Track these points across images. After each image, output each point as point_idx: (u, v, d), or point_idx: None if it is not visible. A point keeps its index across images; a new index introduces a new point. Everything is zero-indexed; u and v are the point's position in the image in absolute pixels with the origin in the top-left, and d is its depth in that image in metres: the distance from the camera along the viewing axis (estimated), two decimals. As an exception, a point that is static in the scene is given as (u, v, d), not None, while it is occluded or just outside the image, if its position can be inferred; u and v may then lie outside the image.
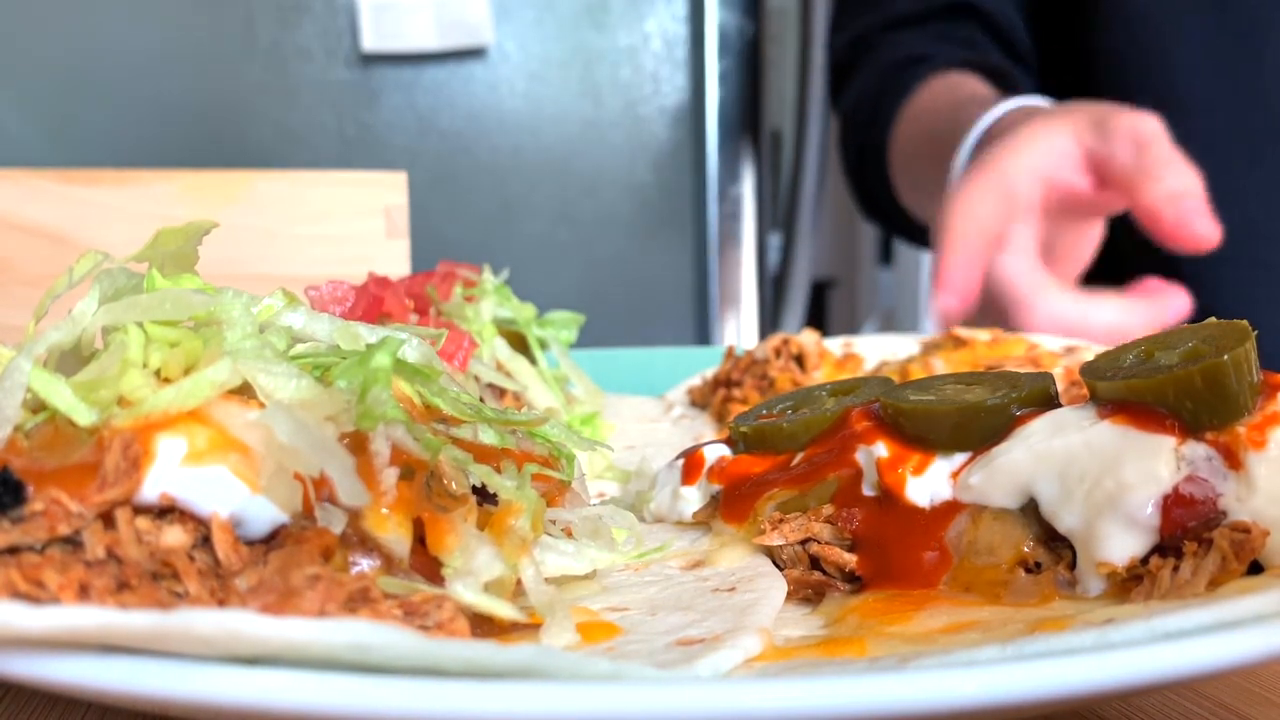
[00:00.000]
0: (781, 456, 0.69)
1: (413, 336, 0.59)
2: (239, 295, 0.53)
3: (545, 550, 0.58)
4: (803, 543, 0.63)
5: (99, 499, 0.44)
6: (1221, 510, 0.53)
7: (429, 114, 2.80)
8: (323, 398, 0.49)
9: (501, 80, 2.78)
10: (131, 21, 2.60)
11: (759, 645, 0.50)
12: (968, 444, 0.61)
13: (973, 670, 0.40)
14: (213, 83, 2.67)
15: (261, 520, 0.47)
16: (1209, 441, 0.54)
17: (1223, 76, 1.53)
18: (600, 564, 0.60)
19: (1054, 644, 0.45)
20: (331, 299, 0.80)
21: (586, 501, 0.70)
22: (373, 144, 2.78)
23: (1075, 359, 1.03)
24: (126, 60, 2.60)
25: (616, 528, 0.64)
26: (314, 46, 2.71)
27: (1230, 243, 1.23)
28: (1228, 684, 0.59)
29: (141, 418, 0.47)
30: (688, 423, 1.09)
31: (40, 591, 0.40)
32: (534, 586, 0.53)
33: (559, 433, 0.64)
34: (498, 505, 0.56)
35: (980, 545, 0.58)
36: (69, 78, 2.56)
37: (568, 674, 0.41)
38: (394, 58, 2.72)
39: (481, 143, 2.80)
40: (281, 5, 2.67)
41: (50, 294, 0.57)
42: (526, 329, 1.08)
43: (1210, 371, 0.53)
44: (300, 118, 2.73)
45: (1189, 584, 0.51)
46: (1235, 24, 1.51)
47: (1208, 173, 1.23)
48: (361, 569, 0.49)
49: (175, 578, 0.45)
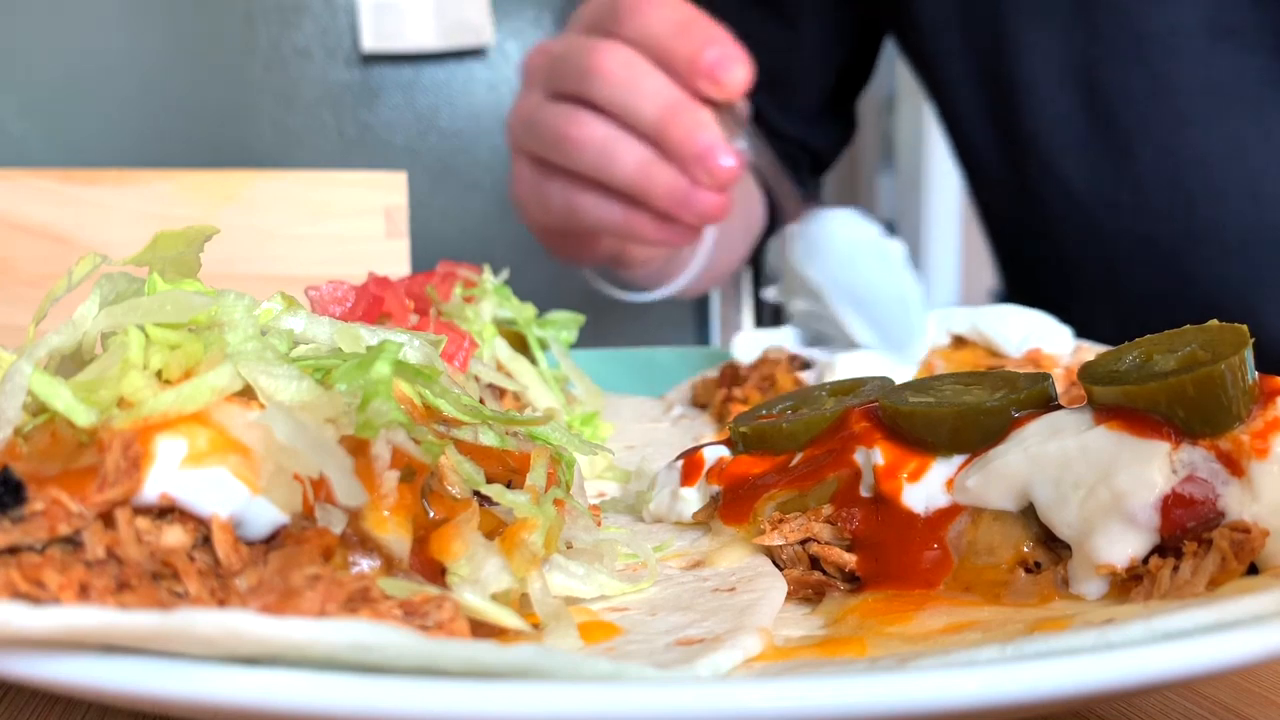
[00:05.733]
0: (781, 457, 0.69)
1: (414, 338, 0.59)
2: (240, 298, 0.53)
3: (554, 569, 0.57)
4: (803, 543, 0.64)
5: (99, 499, 0.44)
6: (1221, 511, 0.53)
7: (429, 114, 2.81)
8: (323, 400, 0.49)
9: (501, 80, 2.78)
10: (131, 22, 2.60)
11: (759, 645, 0.50)
12: (966, 446, 0.61)
13: (973, 670, 0.40)
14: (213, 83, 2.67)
15: (261, 521, 0.47)
16: (1207, 446, 0.54)
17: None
18: (609, 590, 0.59)
19: (1054, 644, 0.45)
20: (331, 299, 0.80)
21: (585, 504, 0.70)
22: (373, 144, 2.78)
23: (1077, 359, 1.03)
24: (126, 60, 2.60)
25: (624, 553, 0.63)
26: (314, 46, 2.71)
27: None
28: (1227, 684, 0.59)
29: (141, 419, 0.47)
30: (688, 423, 1.09)
31: (40, 591, 0.40)
32: (540, 599, 0.53)
33: (560, 435, 0.64)
34: (498, 506, 0.56)
35: (980, 545, 0.58)
36: (69, 78, 2.56)
37: (568, 674, 0.41)
38: (394, 58, 2.72)
39: (481, 142, 2.80)
40: (281, 5, 2.67)
41: (50, 297, 0.57)
42: (526, 329, 1.08)
43: (1202, 380, 0.53)
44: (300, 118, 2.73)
45: (1189, 584, 0.51)
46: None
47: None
48: (361, 569, 0.49)
49: (175, 578, 0.45)
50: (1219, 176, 1.43)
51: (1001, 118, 1.60)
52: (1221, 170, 1.43)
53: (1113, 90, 1.46)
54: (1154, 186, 1.46)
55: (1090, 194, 1.52)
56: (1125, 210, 1.50)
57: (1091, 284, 1.61)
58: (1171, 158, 1.45)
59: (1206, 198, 1.44)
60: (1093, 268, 1.59)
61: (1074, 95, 1.49)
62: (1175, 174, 1.45)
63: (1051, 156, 1.53)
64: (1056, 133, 1.51)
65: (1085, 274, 1.62)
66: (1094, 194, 1.52)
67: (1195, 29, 1.39)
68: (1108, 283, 1.58)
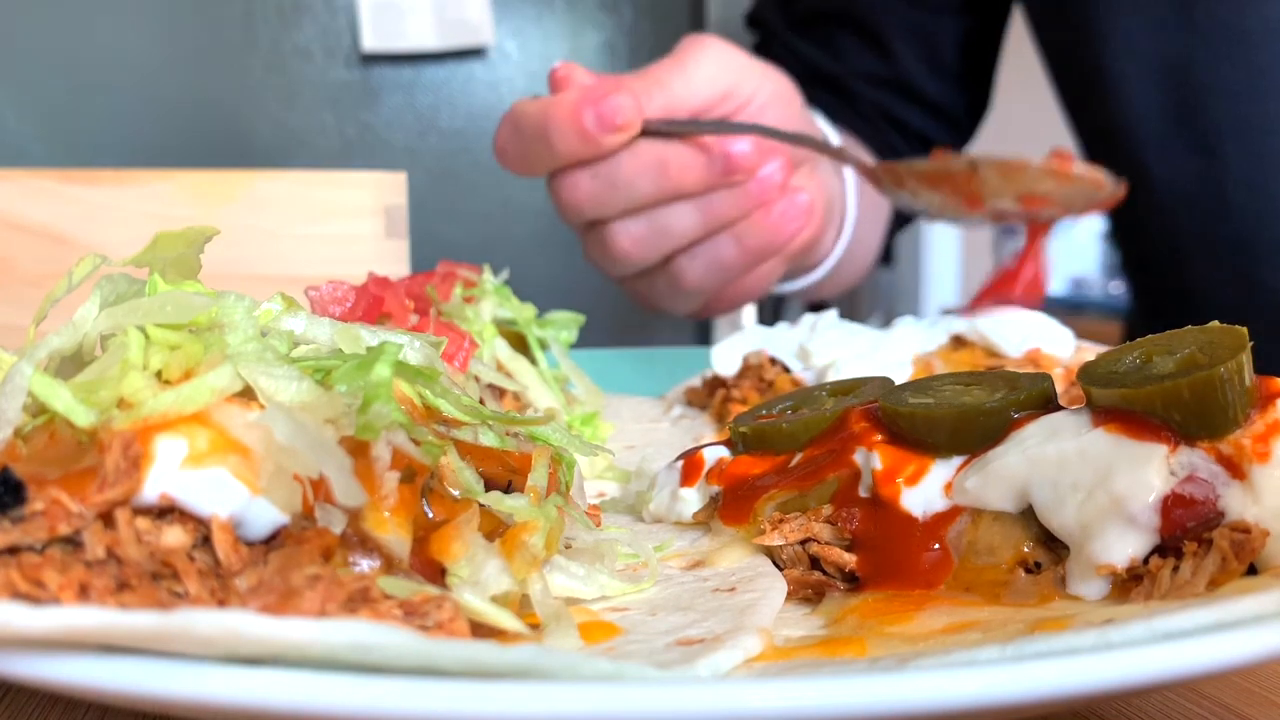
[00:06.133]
0: (781, 457, 0.69)
1: (414, 339, 0.59)
2: (240, 299, 0.53)
3: (554, 570, 0.57)
4: (803, 543, 0.64)
5: (99, 499, 0.44)
6: (1221, 511, 0.53)
7: (429, 114, 2.81)
8: (323, 400, 0.49)
9: (501, 80, 2.78)
10: (131, 21, 2.60)
11: (759, 645, 0.50)
12: (966, 446, 0.61)
13: (973, 670, 0.40)
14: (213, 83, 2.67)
15: (261, 521, 0.47)
16: (1206, 449, 0.54)
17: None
18: (610, 591, 0.59)
19: (1054, 644, 0.45)
20: (331, 299, 0.80)
21: (585, 504, 0.70)
22: (373, 144, 2.78)
23: (1077, 359, 1.03)
24: (126, 60, 2.60)
25: (624, 553, 0.63)
26: (314, 46, 2.71)
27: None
28: (1228, 684, 0.59)
29: (141, 420, 0.47)
30: (687, 423, 1.09)
31: (40, 591, 0.40)
32: (540, 600, 0.53)
33: (560, 436, 0.64)
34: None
35: (980, 546, 0.58)
36: (69, 78, 2.56)
37: (568, 674, 0.41)
38: (394, 58, 2.72)
39: (481, 143, 2.80)
40: (281, 5, 2.67)
41: (50, 298, 0.57)
42: (526, 329, 1.08)
43: (1198, 385, 0.53)
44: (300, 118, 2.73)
45: (1189, 584, 0.51)
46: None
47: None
48: (361, 569, 0.49)
49: (175, 578, 0.45)
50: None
51: (1084, 107, 1.57)
52: None
53: (1204, 86, 1.41)
54: (1237, 189, 1.43)
55: (1169, 192, 1.48)
56: (1203, 211, 1.47)
57: (1161, 285, 1.58)
58: (1259, 160, 1.41)
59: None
60: (1163, 266, 1.56)
61: (1162, 89, 1.45)
62: (1261, 177, 1.41)
63: (1133, 149, 1.49)
64: (1141, 126, 1.48)
65: (1153, 273, 1.59)
66: (1173, 192, 1.48)
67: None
68: (1175, 288, 1.55)
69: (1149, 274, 1.65)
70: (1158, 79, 1.45)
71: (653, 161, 1.13)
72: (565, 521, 0.58)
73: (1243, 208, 1.43)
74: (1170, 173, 1.47)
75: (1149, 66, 1.45)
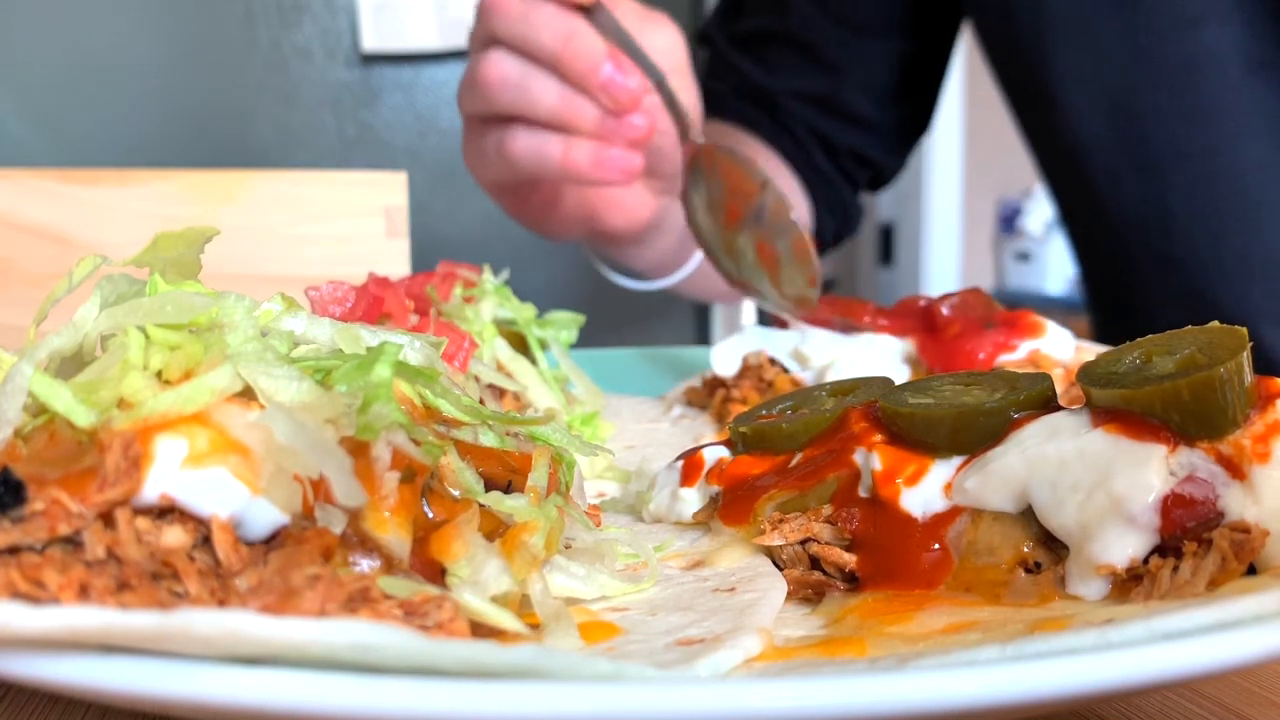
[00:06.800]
0: (781, 457, 0.69)
1: (414, 339, 0.59)
2: (241, 299, 0.53)
3: (554, 570, 0.57)
4: (803, 543, 0.64)
5: (99, 499, 0.44)
6: (1221, 511, 0.53)
7: (429, 114, 2.81)
8: (323, 401, 0.49)
9: (501, 80, 2.77)
10: (131, 21, 2.60)
11: (759, 645, 0.50)
12: (966, 447, 0.61)
13: (973, 670, 0.40)
14: (213, 83, 2.67)
15: (262, 521, 0.47)
16: (1206, 449, 0.54)
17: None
18: (610, 591, 0.59)
19: (1054, 644, 0.45)
20: (331, 299, 0.80)
21: (585, 504, 0.70)
22: (373, 144, 2.78)
23: (1077, 359, 1.03)
24: (127, 60, 2.60)
25: (624, 553, 0.63)
26: (314, 46, 2.71)
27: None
28: (1228, 684, 0.59)
29: (141, 420, 0.47)
30: (687, 423, 1.09)
31: (40, 591, 0.40)
32: (540, 600, 0.53)
33: (560, 436, 0.64)
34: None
35: (980, 546, 0.58)
36: (69, 78, 2.56)
37: (568, 674, 0.41)
38: (394, 58, 2.72)
39: (481, 143, 2.79)
40: (281, 5, 2.67)
41: (50, 299, 0.57)
42: (526, 329, 1.08)
43: (1197, 385, 0.53)
44: (300, 118, 2.73)
45: (1189, 584, 0.51)
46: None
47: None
48: (361, 569, 0.49)
49: (175, 578, 0.45)
50: (1250, 204, 1.44)
51: (1038, 131, 1.62)
52: (1253, 198, 1.44)
53: (1148, 112, 1.47)
54: (1181, 210, 1.47)
55: (1119, 213, 1.53)
56: (1151, 232, 1.52)
57: (1115, 301, 1.63)
58: (1202, 183, 1.46)
59: (1237, 225, 1.45)
60: (1116, 283, 1.61)
61: (1108, 115, 1.50)
62: (1204, 199, 1.46)
63: (1085, 171, 1.55)
64: (1090, 151, 1.53)
65: (1107, 289, 1.63)
66: (1122, 213, 1.53)
67: (1232, 56, 1.40)
68: (1127, 304, 1.60)
69: (1104, 289, 1.71)
70: (1104, 106, 1.51)
71: (569, 30, 1.14)
72: (565, 521, 0.58)
73: (1187, 228, 1.49)
74: (1119, 195, 1.53)
75: (1096, 94, 1.51)
